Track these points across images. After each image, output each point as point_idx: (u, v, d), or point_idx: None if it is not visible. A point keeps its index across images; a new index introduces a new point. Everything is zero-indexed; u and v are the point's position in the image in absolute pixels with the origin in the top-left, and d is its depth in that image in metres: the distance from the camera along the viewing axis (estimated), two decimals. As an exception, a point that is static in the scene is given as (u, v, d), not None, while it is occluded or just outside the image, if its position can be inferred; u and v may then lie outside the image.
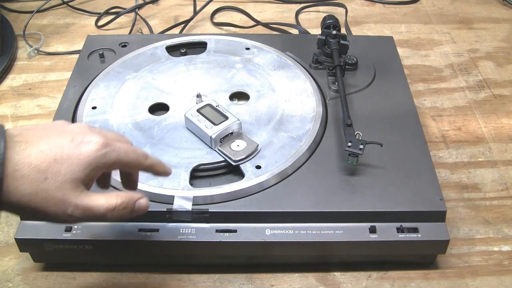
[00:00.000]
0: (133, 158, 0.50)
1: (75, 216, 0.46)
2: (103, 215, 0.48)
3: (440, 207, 0.62)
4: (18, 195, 0.44)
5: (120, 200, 0.48)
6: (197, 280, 0.64)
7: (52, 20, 1.11)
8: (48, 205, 0.45)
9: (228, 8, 1.14)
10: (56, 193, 0.45)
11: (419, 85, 0.93)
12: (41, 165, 0.44)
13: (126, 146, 0.50)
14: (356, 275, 0.64)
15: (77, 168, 0.46)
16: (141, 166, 0.52)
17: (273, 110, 0.73)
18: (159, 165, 0.54)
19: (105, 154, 0.47)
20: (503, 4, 1.17)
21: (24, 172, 0.44)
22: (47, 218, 0.46)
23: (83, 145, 0.46)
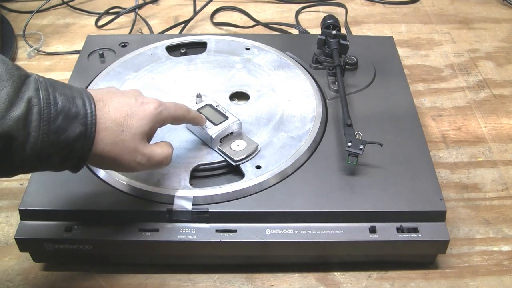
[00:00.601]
0: (180, 113, 0.59)
1: (142, 163, 0.55)
2: (161, 161, 0.57)
3: (440, 207, 0.62)
4: (102, 145, 0.51)
5: (171, 149, 0.58)
6: (197, 280, 0.64)
7: (52, 20, 1.11)
8: (123, 153, 0.52)
9: (228, 8, 1.14)
10: (130, 143, 0.52)
11: (419, 85, 0.93)
12: (118, 119, 0.52)
13: (174, 104, 0.59)
14: (356, 275, 0.64)
15: (144, 123, 0.54)
16: (186, 119, 0.61)
17: (273, 110, 0.73)
18: (199, 117, 0.64)
19: (161, 111, 0.56)
20: (503, 4, 1.17)
21: (107, 125, 0.51)
22: (120, 166, 0.54)
23: (145, 104, 0.55)
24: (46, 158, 0.48)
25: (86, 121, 0.49)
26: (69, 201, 0.62)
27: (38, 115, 0.46)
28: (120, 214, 0.61)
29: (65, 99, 0.48)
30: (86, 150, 0.50)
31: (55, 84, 0.49)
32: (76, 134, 0.48)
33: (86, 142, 0.49)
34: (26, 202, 0.62)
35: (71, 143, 0.48)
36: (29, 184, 0.64)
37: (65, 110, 0.48)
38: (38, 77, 0.48)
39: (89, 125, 0.49)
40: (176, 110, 0.58)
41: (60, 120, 0.47)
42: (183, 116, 0.60)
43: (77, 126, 0.48)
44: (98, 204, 0.61)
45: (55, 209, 0.61)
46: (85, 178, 0.64)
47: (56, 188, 0.63)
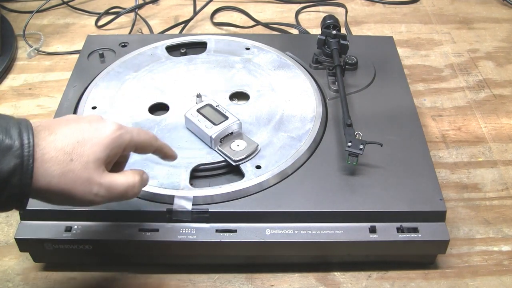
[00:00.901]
0: (145, 138, 0.54)
1: (100, 195, 0.49)
2: (124, 192, 0.51)
3: (440, 207, 0.62)
4: (47, 178, 0.46)
5: (137, 177, 0.52)
6: (197, 280, 0.64)
7: (52, 20, 1.11)
8: (75, 185, 0.47)
9: (228, 8, 1.14)
10: (82, 173, 0.47)
11: (419, 85, 0.93)
12: (66, 148, 0.47)
13: (137, 129, 0.54)
14: (356, 275, 0.64)
15: (98, 149, 0.49)
16: (152, 147, 0.55)
17: (273, 110, 0.73)
18: (167, 148, 0.57)
19: (120, 135, 0.50)
20: (503, 4, 1.17)
21: (52, 155, 0.46)
22: (74, 200, 0.48)
23: (101, 128, 0.50)
24: None
25: (22, 153, 0.44)
26: (69, 201, 0.62)
27: None
28: (120, 214, 0.61)
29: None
30: (25, 185, 0.45)
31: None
32: (10, 168, 0.44)
33: (24, 176, 0.44)
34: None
35: (6, 178, 0.44)
36: (29, 184, 0.63)
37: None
38: None
39: (25, 157, 0.44)
40: (140, 135, 0.53)
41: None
42: (148, 142, 0.54)
43: (11, 159, 0.44)
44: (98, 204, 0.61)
45: (55, 209, 0.61)
46: (85, 178, 0.64)
47: (56, 188, 0.63)
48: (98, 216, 0.61)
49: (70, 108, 0.74)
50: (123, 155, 0.53)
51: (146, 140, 0.54)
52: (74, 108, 0.74)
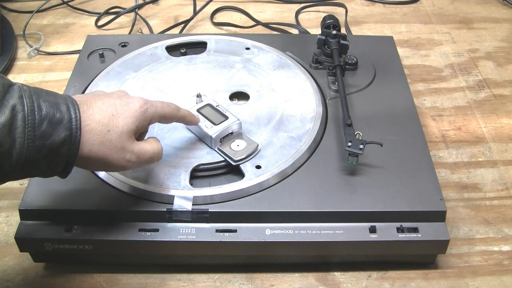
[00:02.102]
0: (168, 111, 0.59)
1: (132, 161, 0.55)
2: (151, 157, 0.57)
3: (440, 207, 0.62)
4: (89, 146, 0.51)
5: (160, 144, 0.59)
6: (197, 280, 0.64)
7: (52, 20, 1.11)
8: (111, 153, 0.53)
9: (228, 8, 1.14)
10: (117, 142, 0.53)
11: (419, 85, 0.93)
12: (103, 120, 0.53)
13: (161, 103, 0.59)
14: (356, 275, 0.64)
15: (130, 121, 0.54)
16: (175, 117, 0.61)
17: (273, 110, 0.73)
18: (189, 116, 0.64)
19: (147, 109, 0.56)
20: (503, 4, 1.17)
21: (92, 126, 0.52)
22: (110, 165, 0.54)
23: (130, 103, 0.55)
24: (33, 163, 0.49)
25: (71, 126, 0.50)
26: (69, 201, 0.62)
27: (22, 122, 0.47)
28: (120, 214, 0.61)
29: (49, 105, 0.49)
30: (73, 154, 0.50)
31: (39, 92, 0.50)
32: (61, 138, 0.49)
33: (72, 146, 0.50)
34: (26, 202, 0.62)
35: (57, 148, 0.49)
36: (29, 184, 0.64)
37: (50, 116, 0.49)
38: (22, 86, 0.49)
39: (74, 129, 0.50)
40: (164, 108, 0.59)
41: (45, 126, 0.48)
42: (171, 114, 0.60)
43: (62, 131, 0.49)
44: (98, 204, 0.61)
45: (55, 209, 0.61)
46: (85, 178, 0.64)
47: (56, 188, 0.63)
48: (98, 216, 0.61)
49: (70, 108, 0.74)
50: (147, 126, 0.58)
51: (168, 112, 0.59)
52: (74, 108, 0.74)
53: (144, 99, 0.57)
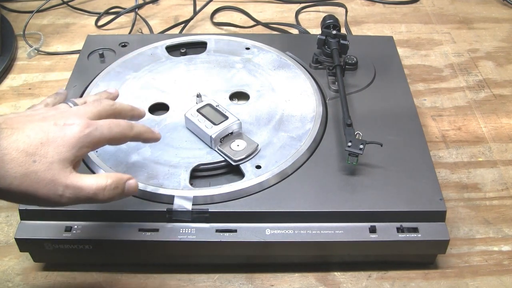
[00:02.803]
0: (117, 132, 0.52)
1: (66, 196, 0.47)
2: (94, 195, 0.48)
3: (440, 207, 0.62)
4: (8, 179, 0.45)
5: (110, 180, 0.49)
6: (197, 280, 0.64)
7: (52, 20, 1.11)
8: (38, 187, 0.46)
9: (228, 8, 1.14)
10: (46, 174, 0.46)
11: (419, 85, 0.93)
12: (29, 149, 0.45)
13: (108, 122, 0.51)
14: (356, 275, 0.64)
15: (64, 149, 0.47)
16: (127, 138, 0.53)
17: (273, 110, 0.73)
18: (146, 133, 0.56)
19: (89, 133, 0.49)
20: (503, 4, 1.17)
21: (13, 156, 0.45)
22: (38, 201, 0.47)
23: (67, 127, 0.48)
24: None
25: None
26: (69, 201, 0.62)
27: None
28: (120, 214, 0.61)
29: None
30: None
31: None
32: None
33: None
34: (26, 202, 0.62)
35: None
36: (29, 184, 0.64)
37: None
38: None
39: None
40: (112, 129, 0.51)
41: None
42: (122, 134, 0.52)
43: None
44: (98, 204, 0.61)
45: (55, 209, 0.61)
46: (85, 178, 0.64)
47: (56, 188, 0.63)
48: (98, 216, 0.61)
49: (70, 108, 0.74)
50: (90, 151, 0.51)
51: (118, 133, 0.52)
52: (74, 108, 0.74)
53: (86, 121, 0.49)
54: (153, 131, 0.57)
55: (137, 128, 0.54)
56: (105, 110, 0.54)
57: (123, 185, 0.51)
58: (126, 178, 0.51)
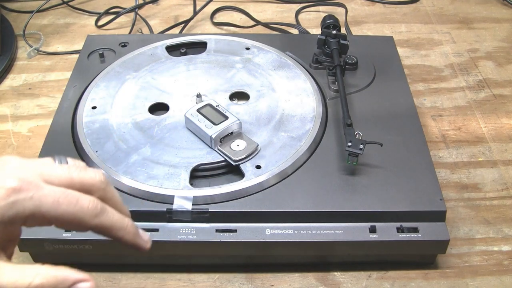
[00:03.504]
0: (68, 212, 0.35)
1: None
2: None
3: (440, 207, 0.62)
4: None
5: (38, 279, 0.34)
6: (197, 280, 0.64)
7: (52, 20, 1.11)
8: None
9: (228, 8, 1.14)
10: None
11: (419, 85, 0.93)
12: None
13: (58, 193, 0.35)
14: (356, 275, 0.64)
15: None
16: (85, 225, 0.36)
17: (273, 110, 0.73)
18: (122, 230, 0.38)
19: (14, 202, 0.34)
20: (503, 4, 1.17)
21: None
22: None
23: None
24: None
25: None
26: (69, 201, 0.62)
27: None
28: (120, 214, 0.61)
29: None
30: None
31: None
32: None
33: None
34: (26, 202, 0.61)
35: None
36: (29, 184, 0.63)
37: None
38: None
39: None
40: (60, 206, 0.35)
41: None
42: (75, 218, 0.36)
43: None
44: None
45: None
46: (85, 178, 0.64)
47: (56, 188, 0.63)
48: (98, 216, 0.61)
49: (70, 108, 0.74)
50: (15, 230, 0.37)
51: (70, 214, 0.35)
52: (74, 108, 0.74)
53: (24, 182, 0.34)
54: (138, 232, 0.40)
55: (108, 218, 0.37)
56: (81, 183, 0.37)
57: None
58: (72, 279, 0.35)
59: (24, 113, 0.88)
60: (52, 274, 0.34)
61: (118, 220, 0.38)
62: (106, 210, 0.37)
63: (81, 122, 0.71)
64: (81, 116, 0.72)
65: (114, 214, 0.38)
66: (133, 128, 0.70)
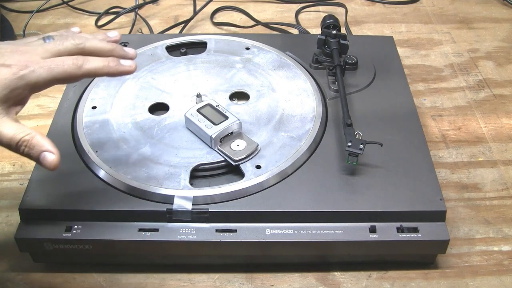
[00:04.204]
0: (60, 72, 0.50)
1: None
2: (7, 143, 0.48)
3: (440, 207, 0.62)
4: None
5: (28, 137, 0.49)
6: (197, 280, 0.64)
7: (52, 20, 1.11)
8: None
9: (228, 8, 1.14)
10: None
11: (419, 85, 0.93)
12: None
13: (49, 63, 0.49)
14: (356, 275, 0.64)
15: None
16: (77, 76, 0.51)
17: (273, 110, 0.73)
18: (106, 68, 0.52)
19: (23, 76, 0.48)
20: (503, 4, 1.17)
21: None
22: None
23: (2, 68, 0.48)
24: None
25: None
26: (69, 201, 0.62)
27: None
28: (120, 214, 0.61)
29: None
30: None
31: None
32: None
33: None
34: (26, 202, 0.62)
35: None
36: (29, 184, 0.64)
37: None
38: None
39: None
40: (53, 71, 0.49)
41: None
42: (67, 74, 0.50)
43: None
44: (98, 204, 0.61)
45: (55, 209, 0.61)
46: (85, 178, 0.64)
47: (56, 188, 0.63)
48: (98, 216, 0.61)
49: (70, 108, 0.74)
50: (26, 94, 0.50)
51: (62, 73, 0.50)
52: (74, 108, 0.74)
53: (27, 61, 0.49)
54: (119, 63, 0.54)
55: (90, 65, 0.51)
56: (66, 50, 0.52)
57: (38, 152, 0.49)
58: (44, 148, 0.49)
59: (24, 113, 0.88)
60: (37, 138, 0.49)
61: (99, 63, 0.52)
62: (86, 60, 0.51)
63: (81, 122, 0.71)
64: (81, 116, 0.72)
65: (93, 60, 0.51)
66: (133, 128, 0.70)
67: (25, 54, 0.50)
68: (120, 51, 0.56)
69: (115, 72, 0.53)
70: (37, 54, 0.50)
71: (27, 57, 0.49)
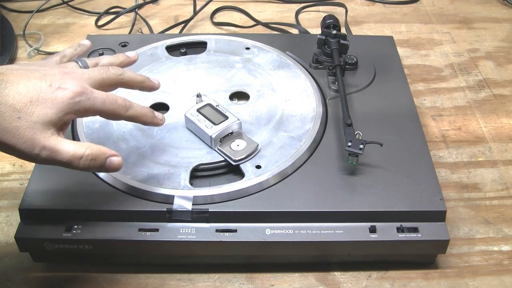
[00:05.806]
0: (110, 108, 0.53)
1: (42, 157, 0.49)
2: (68, 161, 0.50)
3: (440, 207, 0.62)
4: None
5: (89, 151, 0.51)
6: (197, 280, 0.64)
7: (52, 20, 1.11)
8: (18, 142, 0.48)
9: (228, 8, 1.14)
10: (27, 132, 0.48)
11: (419, 85, 0.93)
12: (17, 105, 0.47)
13: (104, 97, 0.52)
14: (356, 275, 0.64)
15: (50, 111, 0.49)
16: (120, 117, 0.55)
17: (273, 110, 0.73)
18: (145, 116, 0.57)
19: (79, 102, 0.50)
20: (503, 4, 1.17)
21: (1, 109, 0.47)
22: (15, 154, 0.49)
23: (60, 91, 0.49)
24: None
25: None
26: (69, 201, 0.62)
27: None
28: (120, 214, 0.61)
29: None
30: None
31: None
32: None
33: None
34: (26, 202, 0.62)
35: None
36: (29, 183, 0.64)
37: None
38: None
39: None
40: (105, 105, 0.52)
41: None
42: (115, 112, 0.54)
43: None
44: (98, 204, 0.62)
45: (55, 209, 0.61)
46: (85, 178, 0.64)
47: (56, 188, 0.63)
48: (98, 216, 0.61)
49: (70, 108, 0.74)
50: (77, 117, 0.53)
51: (110, 110, 0.53)
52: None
53: (81, 90, 0.51)
54: (155, 115, 0.58)
55: (134, 111, 0.55)
56: (109, 79, 0.55)
57: (103, 160, 0.52)
58: (109, 154, 0.53)
59: (24, 113, 0.87)
60: (97, 148, 0.52)
61: (141, 110, 0.56)
62: (132, 105, 0.55)
63: (81, 122, 0.71)
64: (81, 116, 0.72)
65: (137, 107, 0.56)
66: (133, 128, 0.70)
67: (75, 79, 0.51)
68: (149, 82, 0.61)
69: (149, 123, 0.58)
70: (84, 80, 0.52)
71: (79, 83, 0.51)
